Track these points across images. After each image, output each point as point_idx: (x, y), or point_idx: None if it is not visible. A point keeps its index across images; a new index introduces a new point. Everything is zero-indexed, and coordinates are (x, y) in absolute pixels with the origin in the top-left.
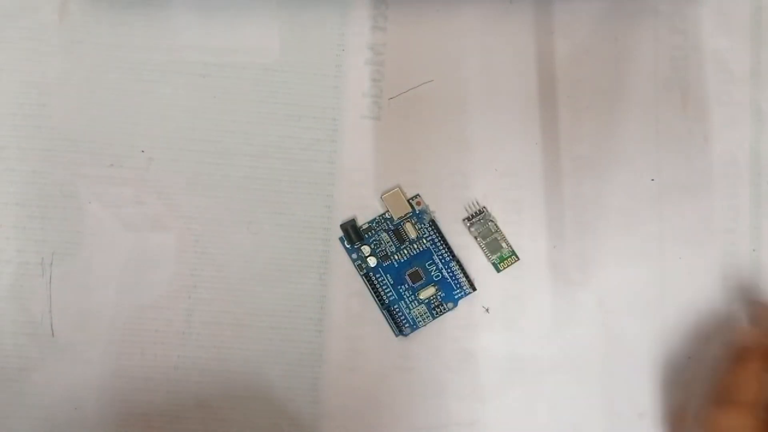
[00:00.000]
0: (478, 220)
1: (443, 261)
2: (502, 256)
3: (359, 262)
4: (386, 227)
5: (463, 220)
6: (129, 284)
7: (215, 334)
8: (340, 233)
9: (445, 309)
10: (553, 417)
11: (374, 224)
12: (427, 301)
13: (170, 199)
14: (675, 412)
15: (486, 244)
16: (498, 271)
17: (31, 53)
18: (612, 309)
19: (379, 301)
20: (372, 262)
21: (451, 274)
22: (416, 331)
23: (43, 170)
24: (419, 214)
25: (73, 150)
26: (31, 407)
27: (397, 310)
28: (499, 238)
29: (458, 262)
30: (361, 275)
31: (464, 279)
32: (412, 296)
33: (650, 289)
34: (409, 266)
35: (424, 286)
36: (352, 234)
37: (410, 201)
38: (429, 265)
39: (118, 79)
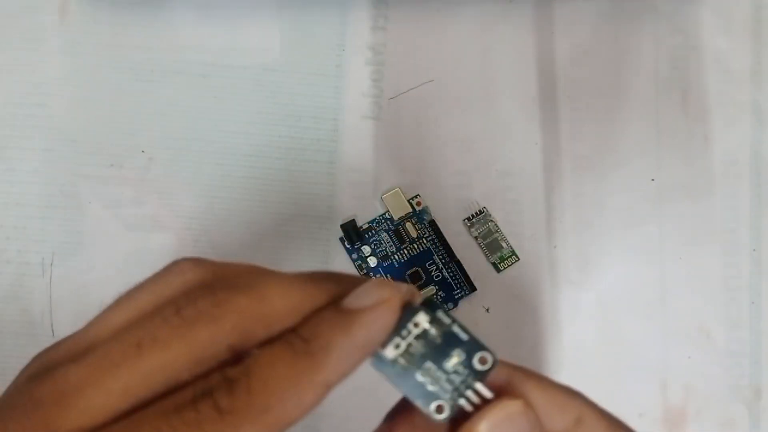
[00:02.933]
0: (478, 220)
1: (443, 261)
2: (502, 256)
3: (359, 262)
4: (386, 227)
5: (463, 220)
6: (129, 284)
7: None
8: (340, 233)
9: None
10: None
11: (374, 224)
12: None
13: (170, 199)
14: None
15: (486, 244)
16: (498, 271)
17: (31, 53)
18: (612, 309)
19: None
20: (372, 262)
21: (451, 274)
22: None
23: (43, 170)
24: (419, 214)
25: (73, 150)
26: None
27: None
28: (499, 238)
29: (458, 262)
30: (362, 275)
31: (464, 279)
32: None
33: (650, 289)
34: (409, 266)
35: (424, 286)
36: (352, 234)
37: (410, 201)
38: (429, 265)
39: (118, 79)
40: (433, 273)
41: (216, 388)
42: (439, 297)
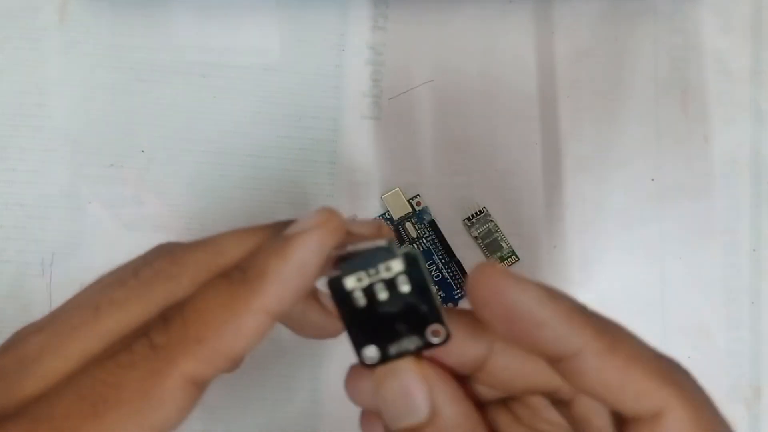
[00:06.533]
0: (478, 220)
1: (443, 261)
2: (502, 256)
3: None
4: None
5: (463, 220)
6: None
7: None
8: None
9: None
10: None
11: None
12: None
13: (170, 199)
14: None
15: (486, 245)
16: None
17: (31, 53)
18: (612, 309)
19: None
20: None
21: (451, 274)
22: None
23: (43, 170)
24: (419, 214)
25: (73, 150)
26: None
27: None
28: (499, 238)
29: (458, 262)
30: None
31: (464, 279)
32: None
33: (650, 289)
34: None
35: None
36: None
37: (410, 201)
38: (429, 265)
39: (118, 79)
40: (433, 273)
41: (153, 326)
42: (438, 297)
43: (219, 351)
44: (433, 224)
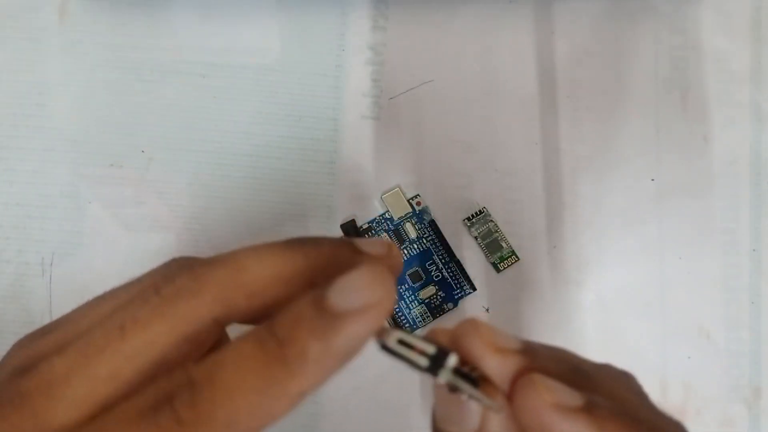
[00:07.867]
0: (478, 220)
1: (443, 261)
2: (502, 256)
3: None
4: (386, 227)
5: (463, 220)
6: None
7: None
8: (340, 233)
9: (445, 309)
10: None
11: (374, 224)
12: (427, 301)
13: (170, 199)
14: None
15: (486, 244)
16: (498, 271)
17: (31, 53)
18: (612, 309)
19: None
20: None
21: (451, 274)
22: (416, 331)
23: (43, 170)
24: (419, 214)
25: (73, 150)
26: None
27: (398, 310)
28: (499, 238)
29: (458, 262)
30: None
31: (464, 279)
32: (413, 296)
33: (650, 289)
34: (409, 266)
35: (424, 286)
36: (352, 234)
37: (410, 201)
38: (429, 265)
39: (118, 79)
40: (433, 273)
41: (178, 393)
42: (438, 297)
43: (248, 431)
44: (433, 224)
